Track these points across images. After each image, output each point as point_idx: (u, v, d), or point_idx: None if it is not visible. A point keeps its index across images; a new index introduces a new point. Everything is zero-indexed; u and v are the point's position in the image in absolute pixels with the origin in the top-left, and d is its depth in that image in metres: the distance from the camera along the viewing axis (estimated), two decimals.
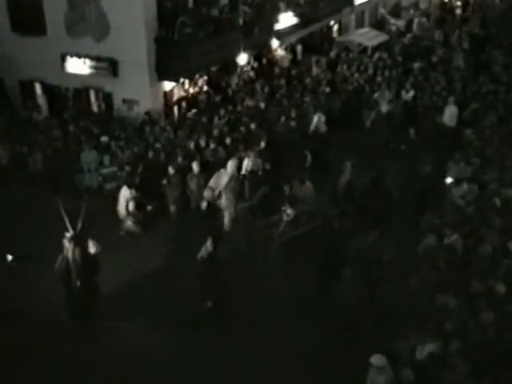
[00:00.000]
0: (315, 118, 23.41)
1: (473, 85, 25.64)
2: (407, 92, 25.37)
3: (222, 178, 18.36)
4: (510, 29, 33.56)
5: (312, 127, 23.36)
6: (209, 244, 14.57)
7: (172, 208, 19.13)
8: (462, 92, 24.92)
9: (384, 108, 24.22)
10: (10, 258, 16.67)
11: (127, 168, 19.46)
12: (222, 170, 18.57)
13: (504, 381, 10.59)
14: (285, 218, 17.22)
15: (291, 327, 14.62)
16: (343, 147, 21.79)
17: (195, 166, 18.86)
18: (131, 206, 18.26)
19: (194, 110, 23.83)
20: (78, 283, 14.10)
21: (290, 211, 17.14)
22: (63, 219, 14.12)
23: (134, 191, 18.19)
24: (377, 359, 11.15)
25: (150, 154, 20.22)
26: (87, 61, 24.31)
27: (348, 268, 14.11)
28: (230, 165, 18.67)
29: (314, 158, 20.66)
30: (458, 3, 43.31)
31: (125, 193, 18.23)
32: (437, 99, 24.26)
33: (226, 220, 18.41)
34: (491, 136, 20.26)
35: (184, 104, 25.03)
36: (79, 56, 24.35)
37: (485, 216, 15.46)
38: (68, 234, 14.15)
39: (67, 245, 14.15)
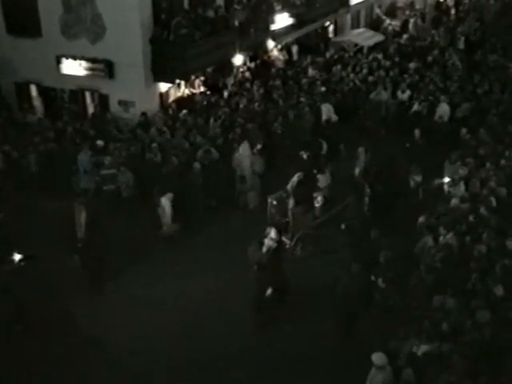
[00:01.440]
0: (323, 108, 24.14)
1: (468, 85, 25.66)
2: (403, 92, 25.38)
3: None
4: (505, 29, 33.67)
5: (324, 117, 24.03)
6: (273, 234, 15.05)
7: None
8: (458, 92, 24.95)
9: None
10: (17, 257, 16.61)
11: (122, 169, 19.47)
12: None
13: (500, 380, 10.60)
14: (316, 204, 18.29)
15: None
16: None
17: (197, 165, 19.08)
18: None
19: (184, 111, 23.75)
20: None
21: (320, 198, 18.35)
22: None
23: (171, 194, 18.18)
24: (378, 358, 11.20)
25: (147, 155, 20.21)
26: (83, 62, 24.24)
27: (357, 264, 14.26)
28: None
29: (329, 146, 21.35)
30: (453, 3, 43.30)
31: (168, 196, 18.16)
32: (433, 99, 24.26)
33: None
34: (486, 135, 20.31)
35: (180, 105, 24.95)
36: (75, 58, 24.29)
37: (480, 215, 15.53)
38: None
39: None
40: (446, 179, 18.42)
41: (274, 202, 18.51)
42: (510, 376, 10.62)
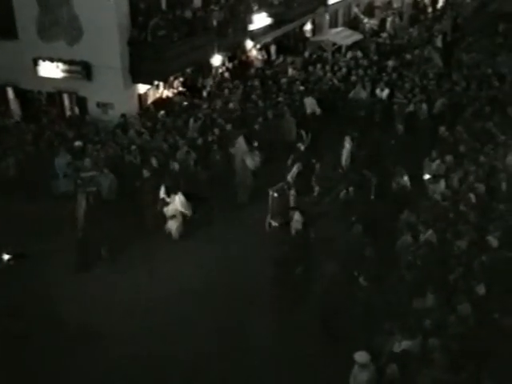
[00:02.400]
0: (307, 102, 24.54)
1: (446, 82, 25.79)
2: (382, 90, 25.44)
3: None
4: (481, 27, 33.92)
5: (309, 110, 24.43)
6: (298, 217, 16.41)
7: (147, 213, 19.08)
8: (436, 89, 25.09)
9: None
10: (6, 257, 16.50)
11: (105, 171, 19.35)
12: None
13: (482, 374, 10.66)
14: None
15: None
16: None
17: (176, 166, 19.03)
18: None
19: (162, 112, 23.68)
20: None
21: (317, 188, 19.60)
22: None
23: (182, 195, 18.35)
24: (360, 356, 11.22)
25: (126, 156, 20.11)
26: (60, 64, 24.09)
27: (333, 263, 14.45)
28: None
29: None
30: (430, 2, 43.57)
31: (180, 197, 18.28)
32: (411, 97, 24.38)
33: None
34: (464, 133, 20.43)
35: (159, 106, 24.86)
36: (52, 60, 24.14)
37: (460, 212, 15.64)
38: None
39: None
40: (426, 176, 18.52)
41: (275, 195, 18.77)
42: (491, 370, 10.69)
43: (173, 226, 18.58)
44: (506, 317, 11.98)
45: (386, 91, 25.32)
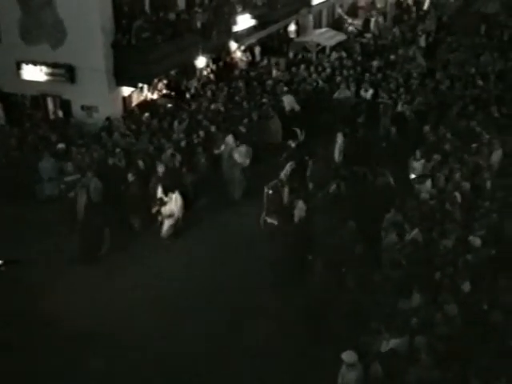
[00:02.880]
0: (285, 100, 24.63)
1: (430, 82, 25.91)
2: (366, 91, 25.50)
3: None
4: (464, 27, 34.12)
5: (287, 107, 24.50)
6: (301, 205, 16.84)
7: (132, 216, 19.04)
8: (420, 88, 25.19)
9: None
10: None
11: (90, 174, 19.28)
12: None
13: (468, 373, 10.71)
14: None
15: None
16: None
17: (160, 169, 18.92)
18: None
19: (146, 114, 23.63)
20: None
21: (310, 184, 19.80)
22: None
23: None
24: (348, 356, 11.24)
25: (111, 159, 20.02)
26: (44, 68, 23.99)
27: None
28: None
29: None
30: (414, 2, 43.73)
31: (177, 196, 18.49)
32: (395, 97, 24.47)
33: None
34: (448, 132, 20.53)
35: (144, 109, 24.80)
36: (35, 63, 24.02)
37: (446, 210, 15.71)
38: None
39: None
40: (412, 176, 18.59)
41: (270, 192, 18.79)
42: (478, 369, 10.73)
43: (167, 225, 18.63)
44: (492, 313, 12.05)
45: (371, 91, 25.38)
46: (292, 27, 36.96)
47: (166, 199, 18.40)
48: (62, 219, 18.57)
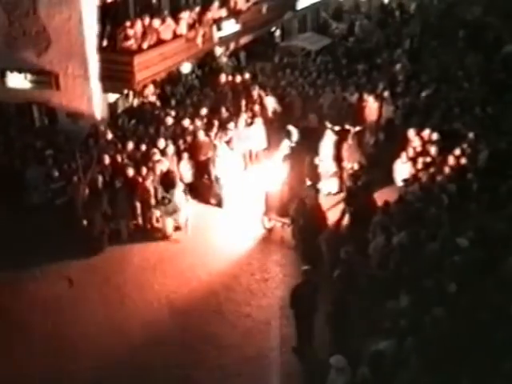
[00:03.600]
0: (268, 101, 25.15)
1: (415, 85, 26.02)
2: (351, 94, 25.53)
3: None
4: (447, 30, 34.34)
5: (270, 109, 25.00)
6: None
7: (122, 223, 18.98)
8: (406, 90, 25.31)
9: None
10: None
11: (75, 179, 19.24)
12: None
13: (458, 376, 10.73)
14: None
15: None
16: None
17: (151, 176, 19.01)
18: None
19: (133, 121, 23.55)
20: None
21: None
22: None
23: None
24: (337, 360, 11.22)
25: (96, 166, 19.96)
26: (28, 75, 23.87)
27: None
28: None
29: None
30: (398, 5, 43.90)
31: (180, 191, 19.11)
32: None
33: None
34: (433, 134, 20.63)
35: (129, 115, 24.74)
36: (20, 70, 23.91)
37: (433, 213, 15.77)
38: None
39: None
40: (398, 178, 18.66)
41: (270, 190, 19.22)
42: (468, 371, 10.76)
43: (170, 223, 19.07)
44: (480, 313, 12.10)
45: (356, 95, 25.43)
46: (277, 32, 37.07)
47: (168, 196, 18.80)
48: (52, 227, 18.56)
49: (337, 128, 21.60)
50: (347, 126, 21.64)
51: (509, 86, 25.17)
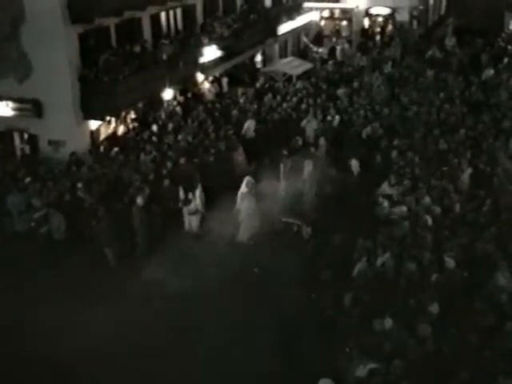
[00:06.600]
0: (246, 124, 25.28)
1: (396, 108, 26.19)
2: (332, 118, 25.62)
3: None
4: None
5: (243, 131, 25.18)
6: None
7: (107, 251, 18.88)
8: (389, 114, 25.47)
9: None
10: None
11: (51, 210, 19.11)
12: None
13: None
14: None
15: None
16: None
17: (139, 200, 18.87)
18: None
19: (116, 149, 23.40)
20: None
21: None
22: None
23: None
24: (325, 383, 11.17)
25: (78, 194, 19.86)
26: (10, 103, 23.79)
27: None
28: None
29: None
30: (378, 29, 44.38)
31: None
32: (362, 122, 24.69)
33: None
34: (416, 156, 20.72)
35: (111, 142, 24.66)
36: (1, 98, 23.79)
37: (417, 234, 15.80)
38: None
39: None
40: (385, 201, 18.65)
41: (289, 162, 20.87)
42: None
43: (194, 221, 19.76)
44: (467, 334, 12.09)
45: (337, 118, 25.53)
46: (258, 57, 37.32)
47: (189, 197, 19.39)
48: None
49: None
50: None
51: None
